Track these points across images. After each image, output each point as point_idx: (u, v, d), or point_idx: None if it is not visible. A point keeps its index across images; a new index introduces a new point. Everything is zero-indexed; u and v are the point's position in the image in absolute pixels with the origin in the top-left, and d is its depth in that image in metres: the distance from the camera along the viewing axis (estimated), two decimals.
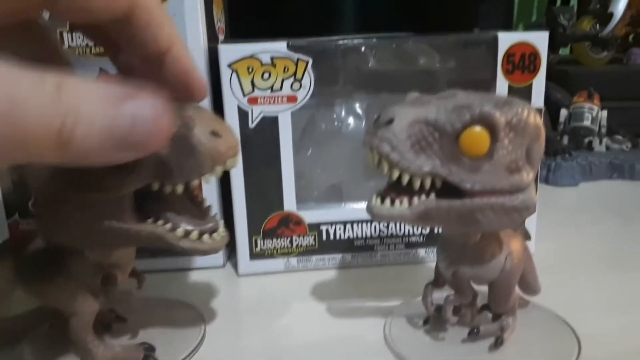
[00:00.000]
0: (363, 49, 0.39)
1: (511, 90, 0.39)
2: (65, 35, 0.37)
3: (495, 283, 0.29)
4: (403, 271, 0.41)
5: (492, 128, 0.24)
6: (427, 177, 0.25)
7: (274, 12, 0.73)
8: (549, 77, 0.39)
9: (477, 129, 0.24)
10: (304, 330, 0.33)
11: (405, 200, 0.26)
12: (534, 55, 0.38)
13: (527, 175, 0.25)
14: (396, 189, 0.26)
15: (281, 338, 0.32)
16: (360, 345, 0.31)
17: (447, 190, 0.25)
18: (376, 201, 0.26)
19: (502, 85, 0.39)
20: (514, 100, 0.25)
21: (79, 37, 0.37)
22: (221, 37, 0.44)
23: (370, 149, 0.25)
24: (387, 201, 0.26)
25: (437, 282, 0.31)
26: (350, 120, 0.46)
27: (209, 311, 0.36)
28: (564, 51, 0.90)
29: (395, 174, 0.25)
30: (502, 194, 0.25)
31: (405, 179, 0.25)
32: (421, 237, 0.42)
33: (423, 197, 0.25)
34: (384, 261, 0.42)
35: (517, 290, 0.31)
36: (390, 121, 0.25)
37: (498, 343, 0.29)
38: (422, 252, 0.42)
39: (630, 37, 0.92)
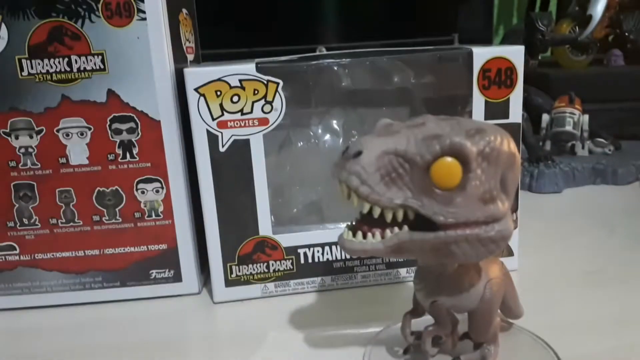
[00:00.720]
0: (336, 68, 0.38)
1: (488, 105, 0.38)
2: (24, 62, 0.35)
3: (476, 312, 0.28)
4: (384, 292, 0.40)
5: (463, 159, 0.23)
6: (399, 209, 0.24)
7: (251, 23, 0.72)
8: (530, 82, 0.39)
9: (448, 160, 0.23)
10: None
11: (378, 233, 0.25)
12: (510, 70, 0.37)
13: (503, 205, 0.24)
14: (368, 221, 0.25)
15: None
16: None
17: (421, 221, 0.24)
18: (348, 234, 0.25)
19: (478, 101, 0.38)
20: (486, 127, 0.24)
21: (39, 64, 0.35)
22: (190, 57, 0.43)
23: (339, 182, 0.24)
24: (359, 234, 0.25)
25: (416, 311, 0.30)
26: (328, 137, 0.45)
27: (183, 341, 0.35)
28: (544, 54, 0.89)
29: (366, 207, 0.24)
30: (477, 225, 0.24)
31: (377, 212, 0.24)
32: None
33: (396, 229, 0.24)
34: (365, 282, 0.41)
35: (500, 314, 0.30)
36: (358, 153, 0.24)
37: None
38: (403, 271, 0.41)
39: (610, 38, 0.92)
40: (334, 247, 0.40)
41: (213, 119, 0.36)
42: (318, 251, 0.39)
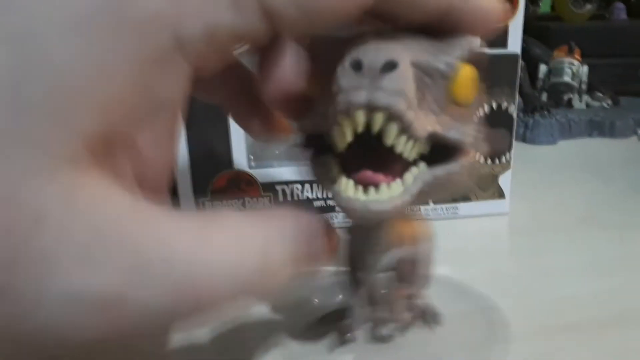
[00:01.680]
0: None
1: None
2: None
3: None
4: None
5: (480, 65, 0.19)
6: (423, 140, 0.17)
7: None
8: (529, 34, 0.36)
9: (471, 68, 0.18)
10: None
11: (398, 180, 0.17)
12: None
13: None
14: (367, 164, 0.17)
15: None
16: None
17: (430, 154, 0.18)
18: (357, 192, 0.17)
19: None
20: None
21: None
22: None
23: (369, 110, 0.16)
24: (384, 187, 0.17)
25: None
26: None
27: None
28: (545, 7, 0.86)
29: (391, 139, 0.17)
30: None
31: (408, 148, 0.17)
32: None
33: (414, 169, 0.18)
34: (348, 222, 0.38)
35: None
36: (392, 65, 0.16)
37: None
38: None
39: None
40: (314, 184, 0.37)
41: None
42: (297, 188, 0.37)
